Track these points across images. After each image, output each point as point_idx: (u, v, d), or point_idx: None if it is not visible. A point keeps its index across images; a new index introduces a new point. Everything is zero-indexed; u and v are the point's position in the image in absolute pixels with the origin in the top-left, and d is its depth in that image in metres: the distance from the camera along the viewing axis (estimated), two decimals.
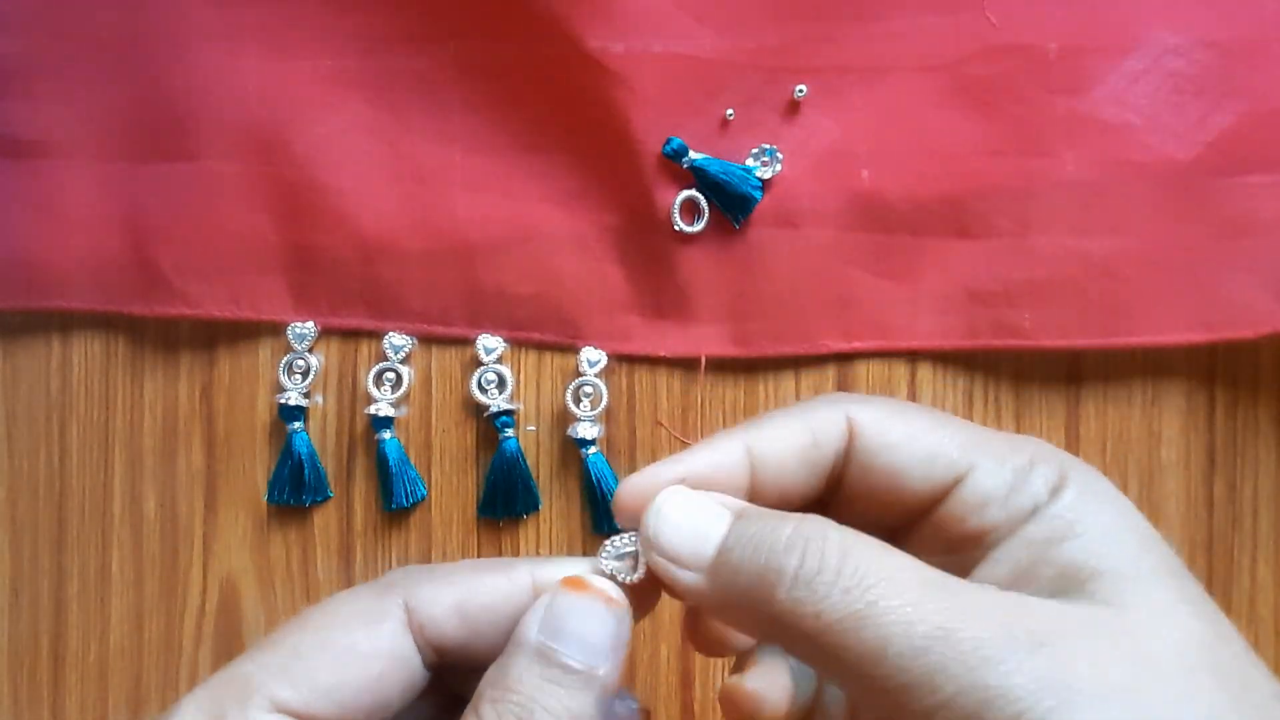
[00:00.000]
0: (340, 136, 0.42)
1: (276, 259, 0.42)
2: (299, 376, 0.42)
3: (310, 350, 0.42)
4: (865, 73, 0.40)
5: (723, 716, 0.27)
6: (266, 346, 0.43)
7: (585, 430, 0.41)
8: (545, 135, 0.41)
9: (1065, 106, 0.40)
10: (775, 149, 0.40)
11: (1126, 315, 0.40)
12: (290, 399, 0.42)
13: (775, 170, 0.40)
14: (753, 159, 0.40)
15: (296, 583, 0.43)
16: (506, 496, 0.42)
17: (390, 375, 0.42)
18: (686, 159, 0.40)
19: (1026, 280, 0.40)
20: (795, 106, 0.41)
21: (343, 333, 0.43)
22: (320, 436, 0.43)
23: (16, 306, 0.43)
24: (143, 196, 0.42)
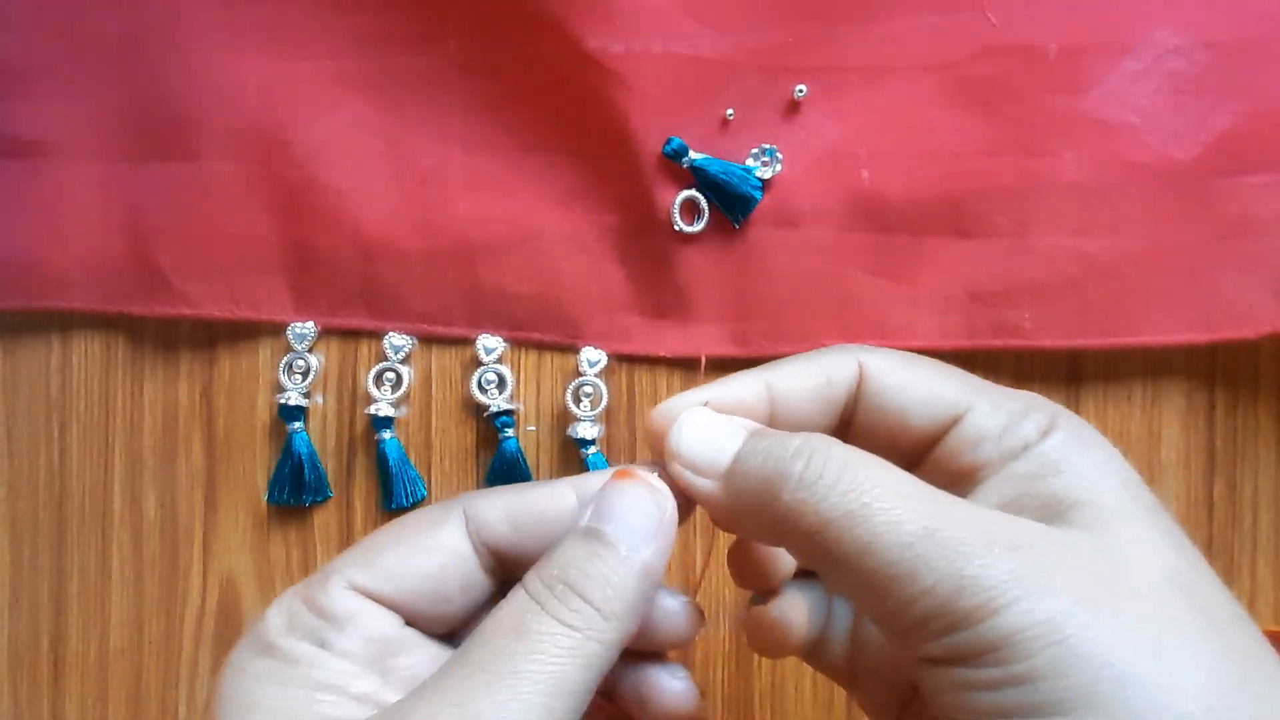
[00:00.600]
0: (340, 136, 0.42)
1: (276, 259, 0.42)
2: (299, 376, 0.42)
3: (310, 350, 0.42)
4: (865, 73, 0.40)
5: (748, 645, 0.30)
6: (266, 346, 0.43)
7: (585, 430, 0.41)
8: (545, 135, 0.41)
9: (1065, 106, 0.40)
10: (775, 149, 0.40)
11: (1126, 315, 0.40)
12: (290, 399, 0.42)
13: (775, 170, 0.40)
14: (753, 159, 0.40)
15: (296, 583, 0.43)
16: None
17: (390, 375, 0.42)
18: (686, 159, 0.40)
19: (1026, 280, 0.40)
20: (795, 106, 0.41)
21: (343, 333, 0.43)
22: (320, 436, 0.43)
23: (16, 306, 0.43)
24: (143, 196, 0.42)
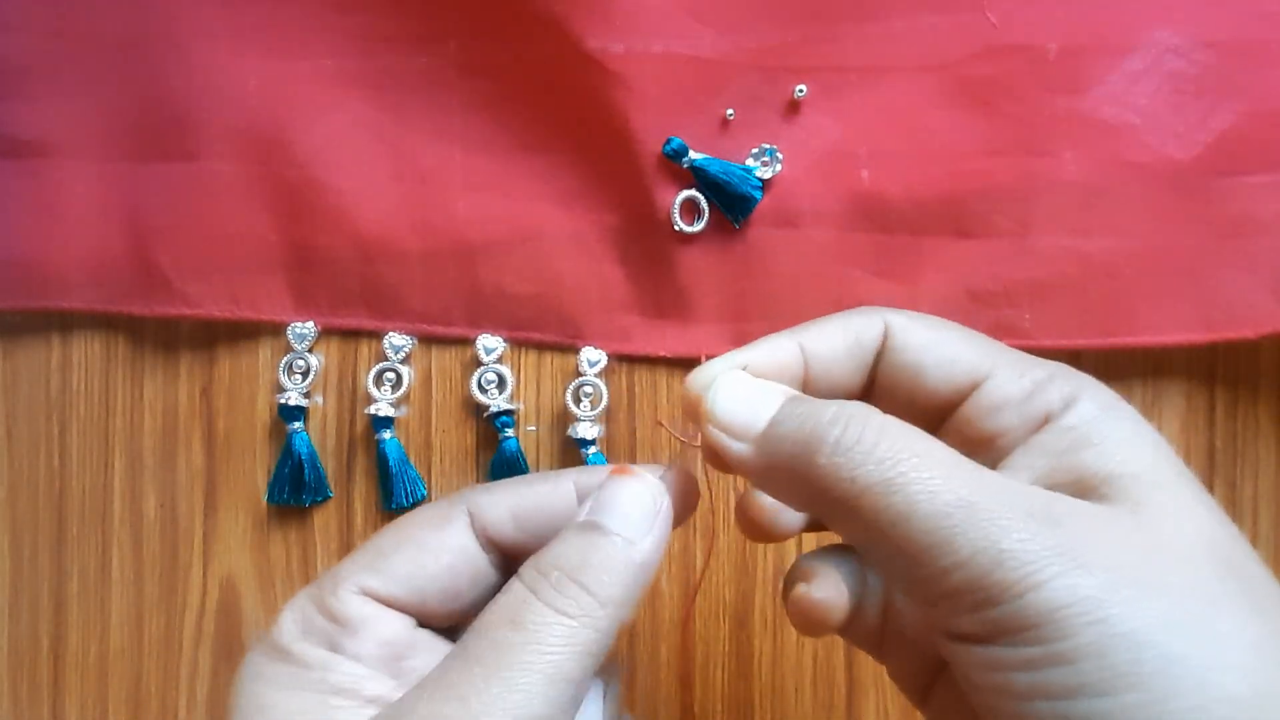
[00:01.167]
0: (340, 136, 0.42)
1: (276, 259, 0.42)
2: (299, 376, 0.42)
3: (310, 350, 0.42)
4: (865, 73, 0.40)
5: (792, 625, 0.30)
6: (266, 346, 0.43)
7: (585, 430, 0.41)
8: (545, 135, 0.41)
9: (1065, 106, 0.40)
10: (775, 149, 0.40)
11: (1126, 315, 0.40)
12: (290, 399, 0.42)
13: (775, 170, 0.40)
14: (753, 159, 0.40)
15: (296, 583, 0.43)
16: None
17: (390, 375, 0.42)
18: (686, 159, 0.40)
19: (1026, 280, 0.40)
20: (795, 106, 0.41)
21: (343, 333, 0.43)
22: (320, 436, 0.43)
23: (16, 306, 0.43)
24: (143, 196, 0.42)
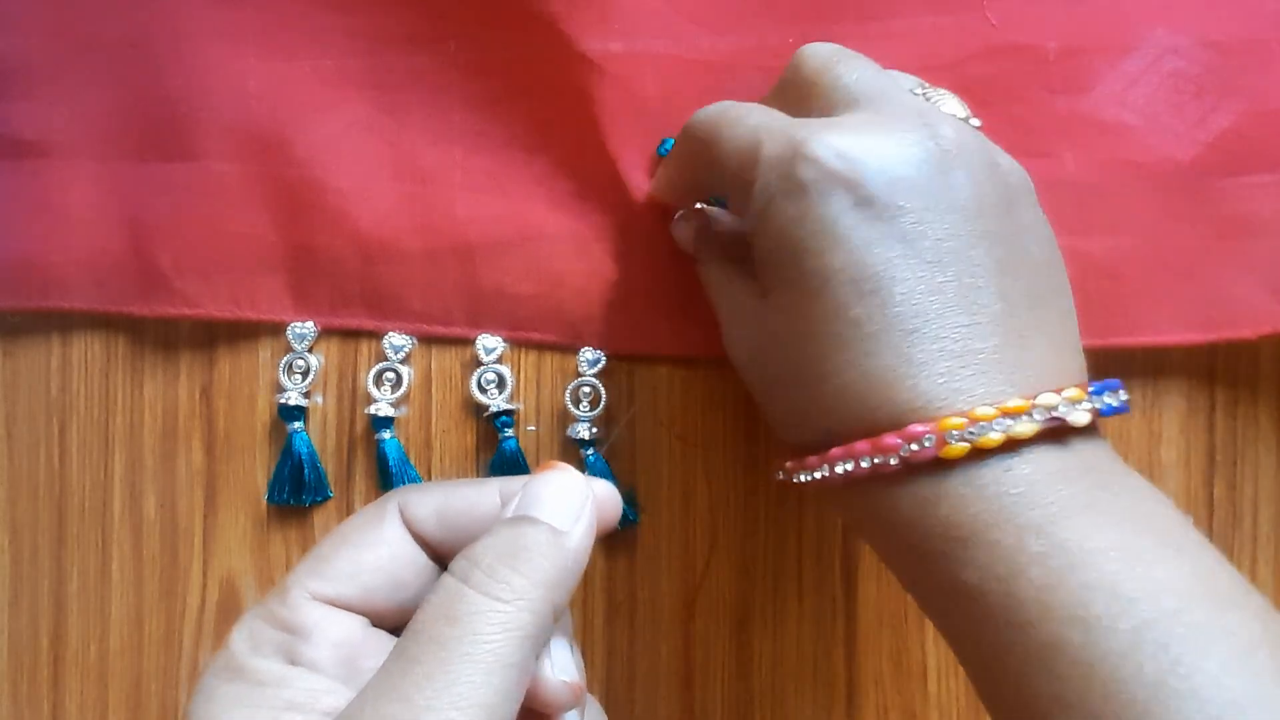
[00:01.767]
0: (340, 136, 0.42)
1: (276, 259, 0.42)
2: (299, 376, 0.42)
3: (310, 350, 0.42)
4: None
5: None
6: (266, 346, 0.43)
7: (585, 430, 0.41)
8: (545, 135, 0.41)
9: (1065, 106, 0.40)
10: None
11: (1126, 315, 0.40)
12: (290, 399, 0.42)
13: None
14: None
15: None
16: None
17: (390, 375, 0.42)
18: None
19: None
20: None
21: (343, 333, 0.43)
22: (320, 436, 0.43)
23: (16, 306, 0.43)
24: (143, 196, 0.42)
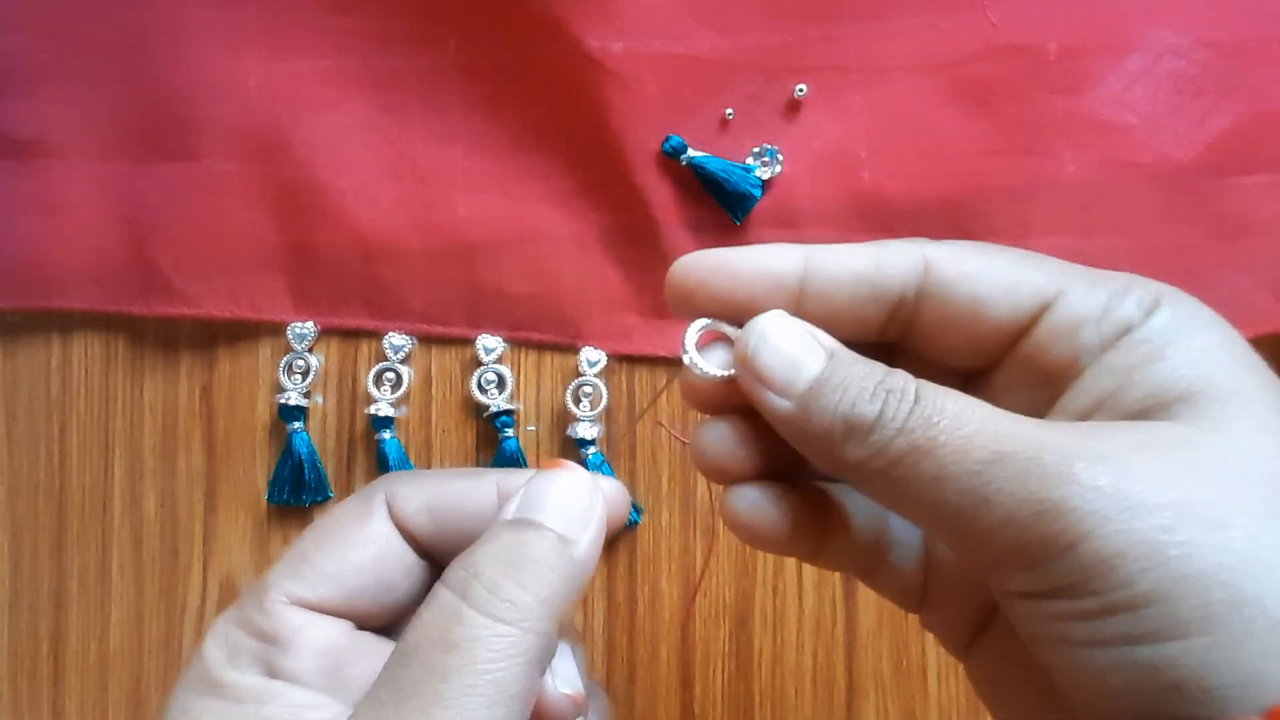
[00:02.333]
0: (340, 136, 0.42)
1: (276, 259, 0.42)
2: (299, 376, 0.42)
3: (310, 350, 0.42)
4: (865, 73, 0.40)
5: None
6: (266, 346, 0.43)
7: (585, 430, 0.41)
8: (545, 135, 0.41)
9: (1065, 106, 0.40)
10: (775, 149, 0.40)
11: None
12: (290, 399, 0.42)
13: (775, 171, 0.40)
14: (753, 158, 0.40)
15: None
16: None
17: (390, 375, 0.42)
18: (685, 156, 0.40)
19: None
20: (795, 106, 0.41)
21: (343, 333, 0.43)
22: (320, 436, 0.43)
23: (16, 306, 0.43)
24: (143, 196, 0.42)
